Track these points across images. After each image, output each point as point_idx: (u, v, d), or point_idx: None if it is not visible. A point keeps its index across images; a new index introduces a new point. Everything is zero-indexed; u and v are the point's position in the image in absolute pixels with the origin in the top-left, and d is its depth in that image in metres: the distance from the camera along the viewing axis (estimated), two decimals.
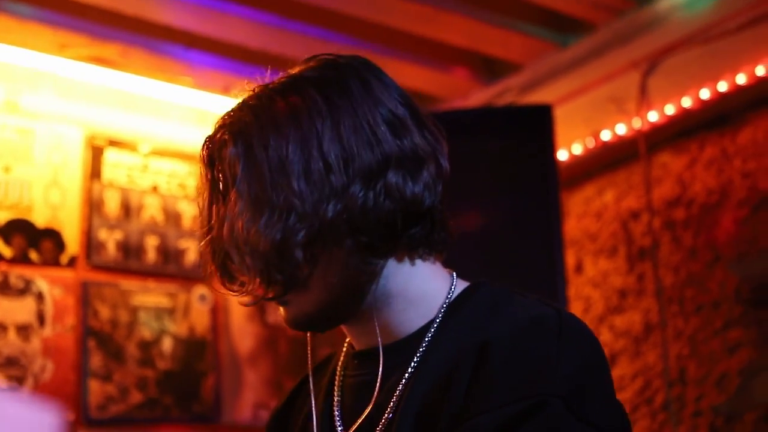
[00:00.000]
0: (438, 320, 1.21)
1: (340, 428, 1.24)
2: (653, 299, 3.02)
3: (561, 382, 1.06)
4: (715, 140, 2.91)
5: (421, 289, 1.23)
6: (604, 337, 3.13)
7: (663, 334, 2.99)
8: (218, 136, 1.18)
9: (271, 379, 3.24)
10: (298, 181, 1.13)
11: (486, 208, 2.53)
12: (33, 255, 2.94)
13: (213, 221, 1.22)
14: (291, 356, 3.30)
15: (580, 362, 1.10)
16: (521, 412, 1.04)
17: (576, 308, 3.19)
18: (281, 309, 1.22)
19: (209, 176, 1.22)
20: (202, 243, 1.22)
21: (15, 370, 2.86)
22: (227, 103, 1.26)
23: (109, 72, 3.17)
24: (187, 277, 3.23)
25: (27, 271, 2.95)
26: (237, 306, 3.30)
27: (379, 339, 1.21)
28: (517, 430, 1.03)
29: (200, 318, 3.22)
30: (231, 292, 1.23)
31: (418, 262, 1.23)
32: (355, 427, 1.22)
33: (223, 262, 1.22)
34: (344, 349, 1.34)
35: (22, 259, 2.95)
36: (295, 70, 1.19)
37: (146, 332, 3.07)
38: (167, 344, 3.09)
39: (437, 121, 1.24)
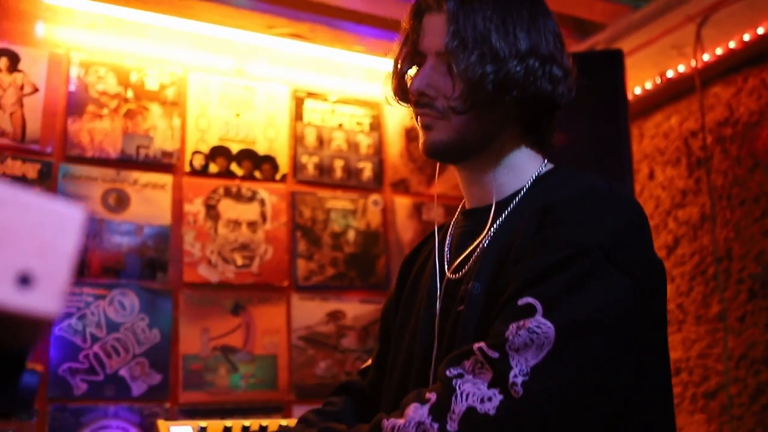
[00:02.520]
0: (525, 189, 1.26)
1: (447, 263, 1.32)
2: (707, 197, 3.07)
3: (603, 236, 1.07)
4: (756, 73, 2.97)
5: (522, 162, 1.29)
6: (670, 225, 3.18)
7: (714, 222, 3.03)
8: None
9: None
10: (499, 41, 1.18)
11: (570, 132, 2.72)
12: (257, 174, 3.26)
13: (401, 59, 1.32)
14: None
15: (623, 221, 1.11)
16: (565, 258, 1.06)
17: (648, 205, 3.27)
18: (422, 134, 1.28)
19: (411, 25, 1.30)
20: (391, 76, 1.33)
21: (247, 252, 3.18)
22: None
23: (304, 44, 3.36)
24: (364, 188, 3.45)
25: (253, 185, 3.25)
26: (401, 208, 3.47)
27: (494, 195, 1.27)
28: (560, 273, 1.06)
29: (374, 216, 3.43)
30: (400, 105, 1.35)
31: (527, 144, 1.30)
32: (455, 264, 1.30)
33: (399, 83, 1.34)
34: (457, 213, 1.40)
35: (249, 177, 3.25)
36: None
37: (336, 226, 3.36)
38: (351, 235, 3.37)
39: None
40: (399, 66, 1.32)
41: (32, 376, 0.64)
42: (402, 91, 1.33)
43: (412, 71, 1.31)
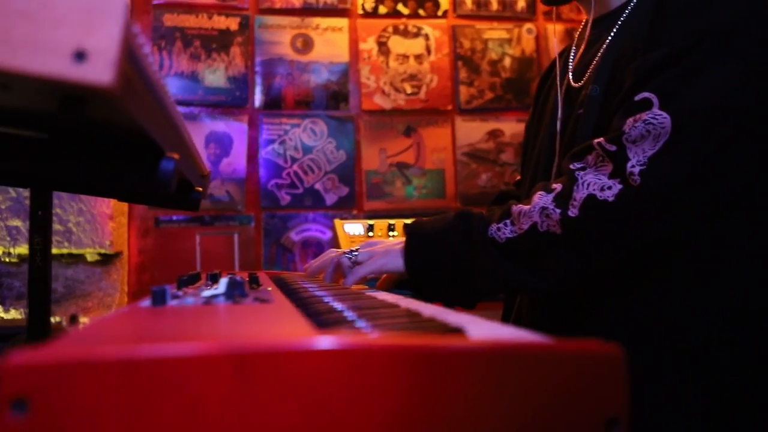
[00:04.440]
0: None
1: (571, 73, 1.28)
2: None
3: (716, 24, 0.99)
4: None
5: None
6: None
7: None
8: None
9: None
10: None
11: None
12: (421, 11, 3.37)
13: None
14: None
15: (737, 7, 1.01)
16: (679, 50, 0.99)
17: None
18: None
19: None
20: None
21: (415, 81, 3.34)
22: None
23: None
24: (518, 18, 3.47)
25: (418, 22, 3.37)
26: (553, 34, 3.42)
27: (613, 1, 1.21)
28: (674, 65, 0.99)
29: (528, 44, 3.47)
30: None
31: None
32: (577, 72, 1.26)
33: None
34: (581, 26, 1.34)
35: (414, 15, 3.37)
36: None
37: (493, 54, 3.41)
38: (507, 61, 3.41)
39: None
40: None
41: (168, 162, 0.66)
42: None
43: None
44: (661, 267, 1.06)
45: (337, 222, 2.33)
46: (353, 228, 2.29)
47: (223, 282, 0.81)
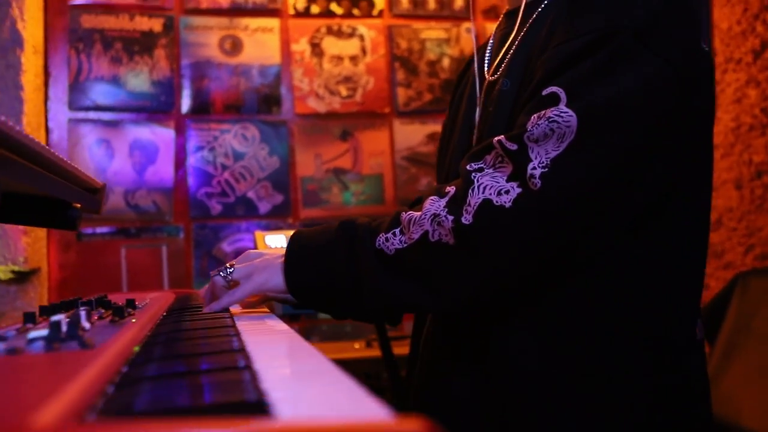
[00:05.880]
0: None
1: (486, 66, 1.19)
2: None
3: (636, 17, 0.91)
4: None
5: None
6: (758, 29, 2.87)
7: None
8: None
9: None
10: None
11: None
12: (355, 11, 3.25)
13: None
14: None
15: (654, 5, 0.92)
16: (592, 42, 0.91)
17: (737, 10, 2.94)
18: None
19: None
20: None
21: (351, 84, 3.22)
22: None
23: None
24: (457, 17, 3.35)
25: (352, 22, 3.25)
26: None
27: None
28: (586, 58, 0.91)
29: (467, 44, 3.36)
30: None
31: None
32: (493, 66, 1.17)
33: None
34: (500, 18, 1.25)
35: (348, 14, 3.25)
36: None
37: (431, 55, 3.31)
38: (446, 62, 3.31)
39: None
40: None
41: None
42: None
43: None
44: (563, 285, 0.98)
45: (258, 234, 2.17)
46: (276, 240, 2.13)
47: (60, 319, 0.72)
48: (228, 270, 1.13)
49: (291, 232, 2.13)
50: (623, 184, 0.91)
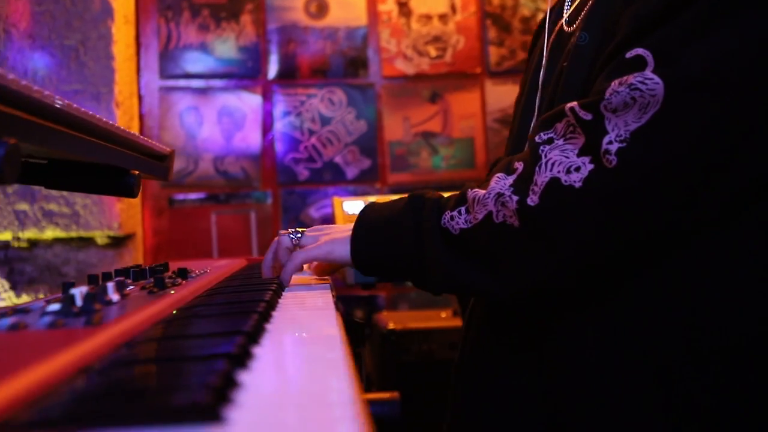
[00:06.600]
0: None
1: (567, 7, 1.07)
2: None
3: None
4: None
5: None
6: None
7: None
8: None
9: None
10: None
11: None
12: None
13: None
14: None
15: None
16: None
17: None
18: None
19: None
20: None
21: (440, 43, 3.11)
22: None
23: None
24: None
25: None
26: None
27: None
28: (679, 15, 0.80)
29: None
30: None
31: None
32: (571, 14, 1.05)
33: None
34: None
35: None
36: None
37: (525, 11, 3.16)
38: (541, 18, 3.30)
39: None
40: None
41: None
42: None
43: None
44: (636, 278, 0.87)
45: (336, 200, 2.12)
46: (354, 207, 2.07)
47: (76, 293, 0.71)
48: (297, 234, 1.11)
49: (371, 199, 2.08)
50: (712, 167, 0.79)
